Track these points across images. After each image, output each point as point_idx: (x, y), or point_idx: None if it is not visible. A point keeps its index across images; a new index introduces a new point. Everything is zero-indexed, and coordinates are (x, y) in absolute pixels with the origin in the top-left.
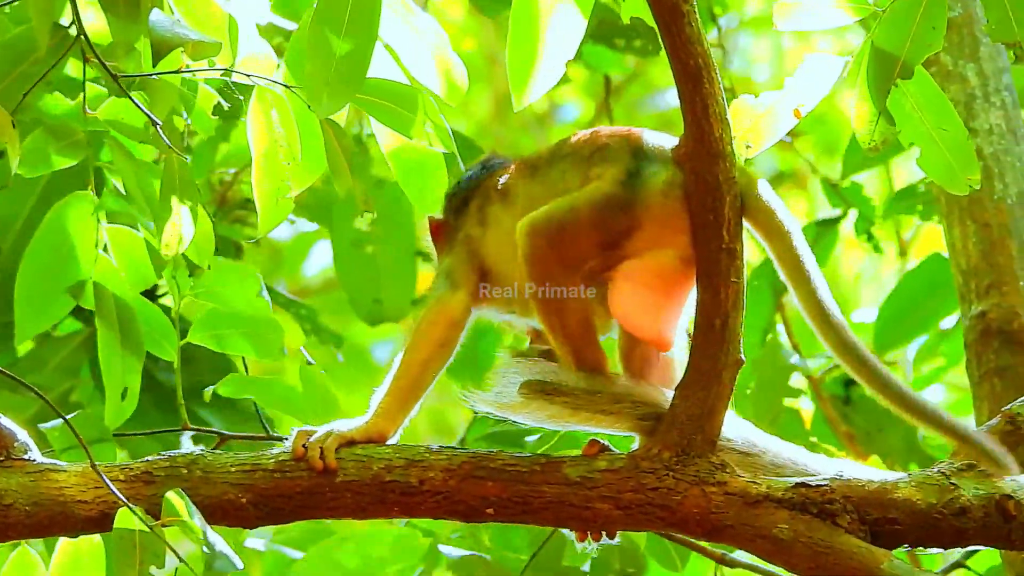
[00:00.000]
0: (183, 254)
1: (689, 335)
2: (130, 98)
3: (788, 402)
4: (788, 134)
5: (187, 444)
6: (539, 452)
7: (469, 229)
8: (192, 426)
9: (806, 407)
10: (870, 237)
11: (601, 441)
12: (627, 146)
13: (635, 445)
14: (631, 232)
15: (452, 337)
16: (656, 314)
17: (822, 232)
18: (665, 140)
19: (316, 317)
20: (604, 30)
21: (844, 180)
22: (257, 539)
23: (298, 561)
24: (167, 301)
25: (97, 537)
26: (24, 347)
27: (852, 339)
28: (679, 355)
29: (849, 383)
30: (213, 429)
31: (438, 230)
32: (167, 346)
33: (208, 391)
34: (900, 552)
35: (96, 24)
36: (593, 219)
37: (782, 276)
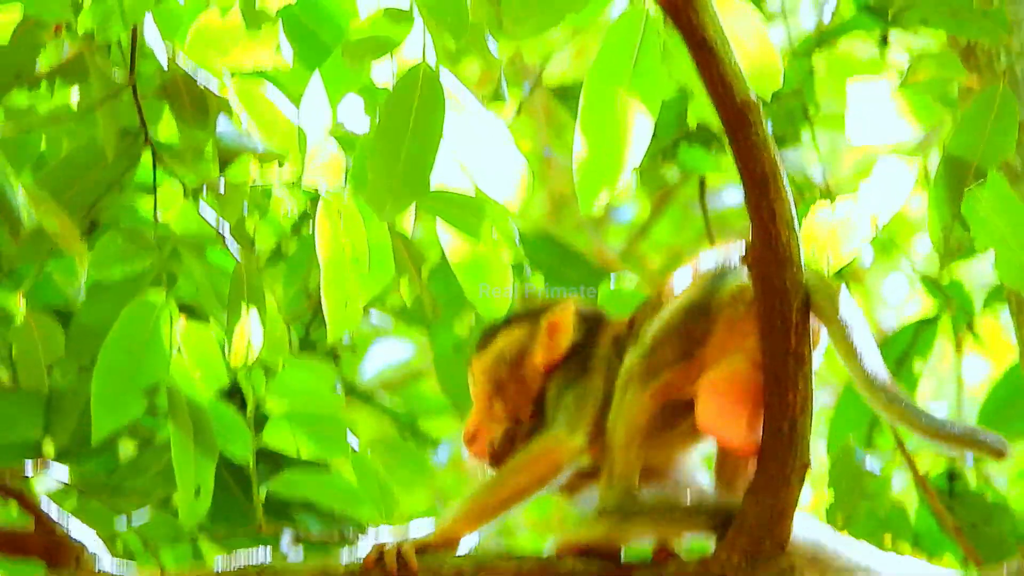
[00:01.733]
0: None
1: None
2: (196, 203)
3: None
4: None
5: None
6: None
7: (596, 376)
8: (266, 527)
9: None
10: (971, 330)
11: (669, 548)
12: (714, 259)
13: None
14: (706, 338)
15: (553, 479)
16: (740, 420)
17: (922, 329)
18: (731, 248)
19: (413, 418)
20: (702, 133)
21: (943, 276)
22: None
23: None
24: None
25: None
26: (125, 454)
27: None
28: None
29: (953, 477)
30: (285, 526)
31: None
32: (242, 446)
33: (262, 491)
34: None
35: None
36: (676, 327)
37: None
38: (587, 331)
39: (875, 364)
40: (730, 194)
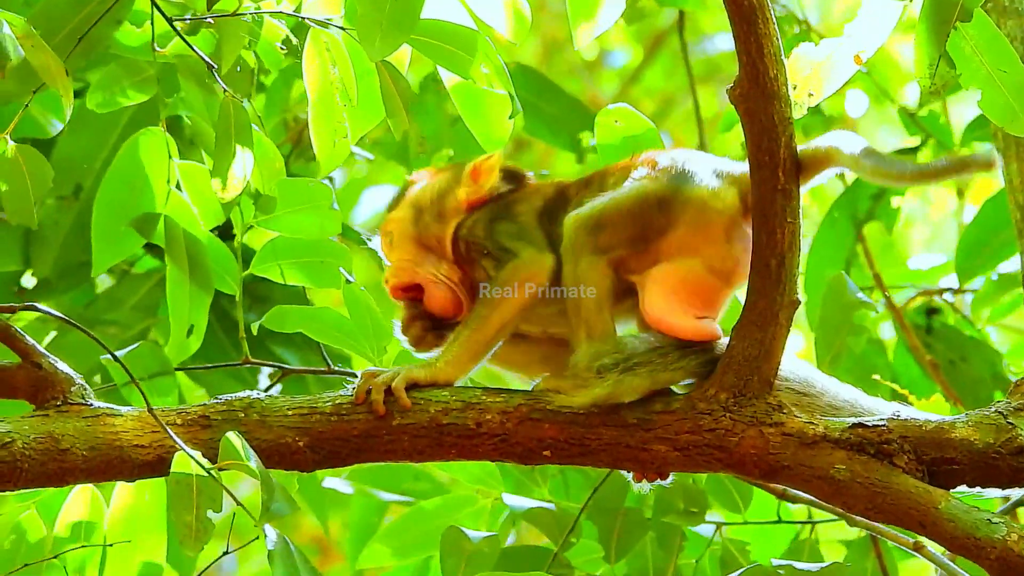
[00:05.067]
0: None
1: None
2: (184, 40)
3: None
4: None
5: (264, 381)
6: None
7: (526, 217)
8: (253, 360)
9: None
10: None
11: None
12: (675, 157)
13: None
14: (664, 231)
15: (532, 302)
16: (687, 318)
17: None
18: (720, 160)
19: None
20: None
21: (921, 109)
22: (334, 479)
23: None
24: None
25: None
26: (102, 286)
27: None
28: None
29: (931, 312)
30: (272, 363)
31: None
32: (230, 280)
33: (254, 325)
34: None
35: None
36: (632, 211)
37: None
38: (511, 185)
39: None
40: (721, 39)
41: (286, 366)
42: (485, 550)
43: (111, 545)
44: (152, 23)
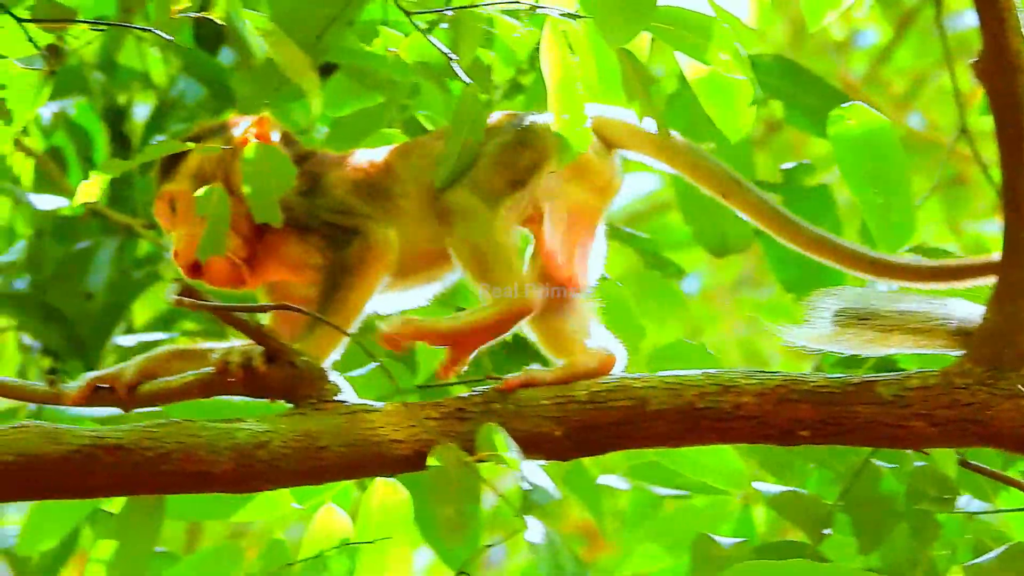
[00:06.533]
0: None
1: None
2: (424, 35)
3: None
4: None
5: None
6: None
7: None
8: (493, 375)
9: None
10: None
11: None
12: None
13: None
14: (538, 167)
15: (384, 277)
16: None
17: None
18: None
19: (656, 247)
20: None
21: None
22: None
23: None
24: None
25: None
26: None
27: None
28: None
29: None
30: None
31: None
32: None
33: None
34: None
35: None
36: (498, 157)
37: None
38: (295, 152)
39: None
40: (971, 16)
41: None
42: (735, 555)
43: (369, 543)
44: (386, 23)
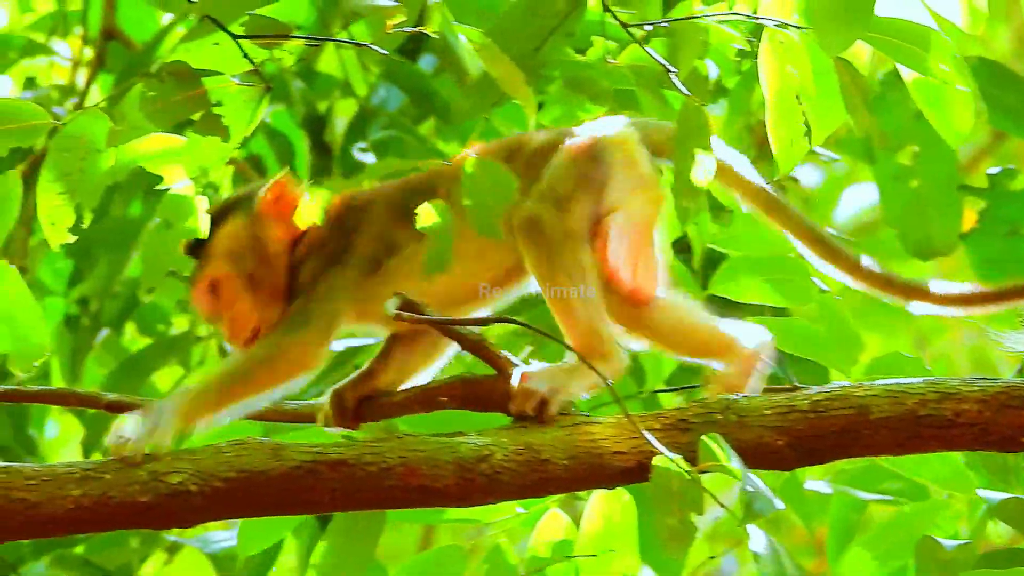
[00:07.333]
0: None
1: None
2: (642, 46)
3: None
4: None
5: None
6: None
7: (364, 252)
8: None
9: None
10: None
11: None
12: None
13: None
14: (608, 180)
15: (294, 382)
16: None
17: None
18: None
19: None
20: None
21: None
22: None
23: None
24: None
25: None
26: None
27: None
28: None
29: None
30: None
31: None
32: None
33: None
34: None
35: None
36: (578, 179)
37: None
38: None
39: None
40: None
41: None
42: (960, 558)
43: (591, 556)
44: (603, 34)
